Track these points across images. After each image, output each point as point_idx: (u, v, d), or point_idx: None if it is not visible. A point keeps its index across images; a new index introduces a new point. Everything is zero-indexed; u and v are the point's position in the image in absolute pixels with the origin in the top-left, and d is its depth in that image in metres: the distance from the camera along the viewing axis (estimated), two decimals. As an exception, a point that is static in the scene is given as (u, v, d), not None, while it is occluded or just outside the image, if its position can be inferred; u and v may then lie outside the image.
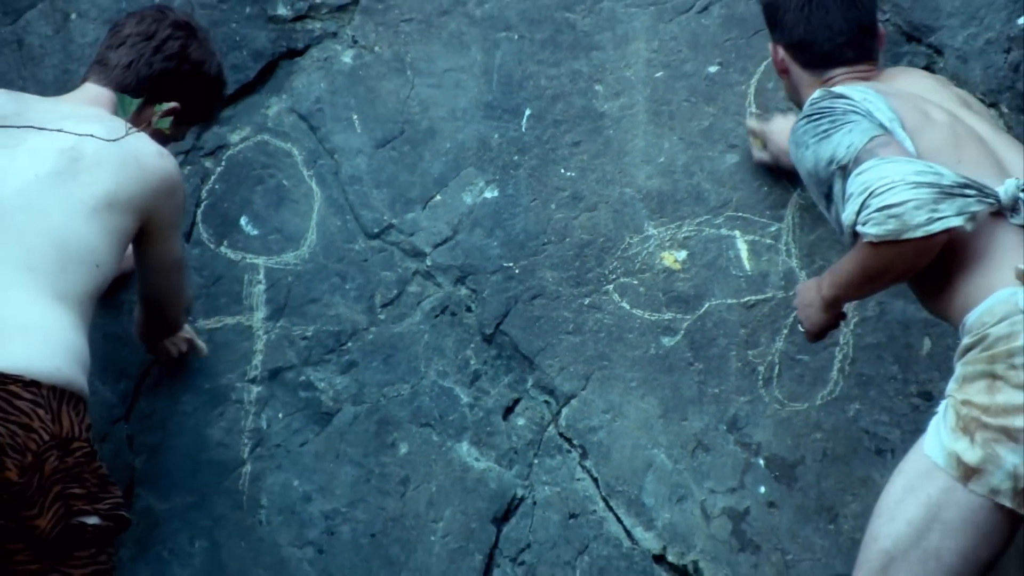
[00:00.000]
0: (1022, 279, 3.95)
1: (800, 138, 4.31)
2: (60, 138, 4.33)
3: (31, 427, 4.17)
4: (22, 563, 4.22)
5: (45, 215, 4.36)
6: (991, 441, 3.94)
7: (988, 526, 3.98)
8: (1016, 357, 3.93)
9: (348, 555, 5.15)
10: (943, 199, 3.96)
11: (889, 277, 4.17)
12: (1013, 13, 5.10)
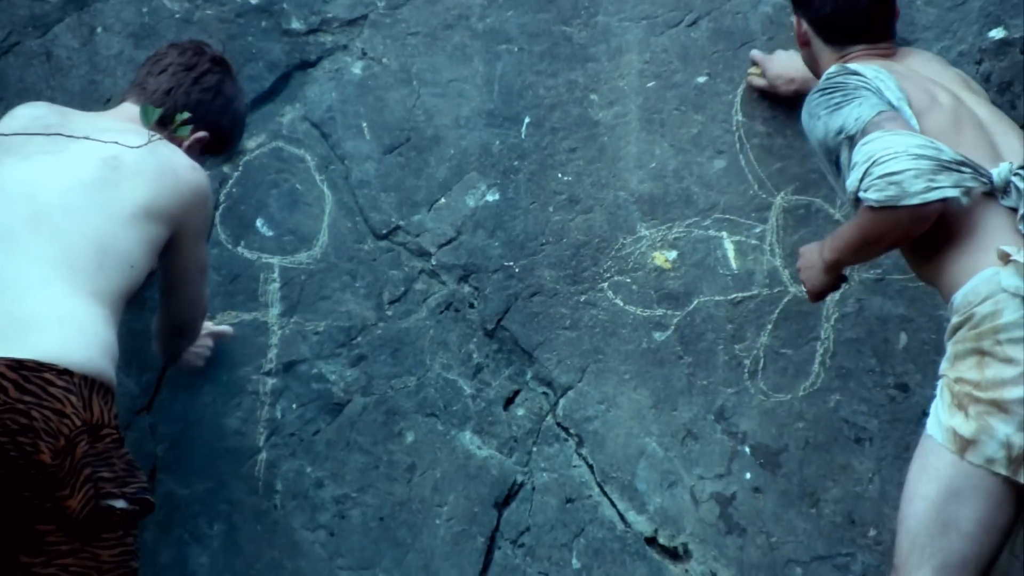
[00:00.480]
0: (1004, 259, 3.98)
1: (813, 109, 4.35)
2: (102, 148, 4.41)
3: (64, 413, 4.20)
4: (53, 544, 4.24)
5: (86, 218, 4.40)
6: (983, 414, 3.97)
7: (996, 493, 4.02)
8: (1001, 333, 3.97)
9: (358, 538, 5.16)
10: (941, 171, 4.00)
11: (886, 242, 4.20)
12: (984, 27, 5.11)
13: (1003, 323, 3.97)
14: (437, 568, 5.14)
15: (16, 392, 4.18)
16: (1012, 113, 5.05)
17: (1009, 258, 3.98)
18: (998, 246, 4.02)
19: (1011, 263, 3.98)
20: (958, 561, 4.03)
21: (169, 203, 4.53)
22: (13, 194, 4.44)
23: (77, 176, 4.43)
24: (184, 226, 4.60)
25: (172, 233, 4.59)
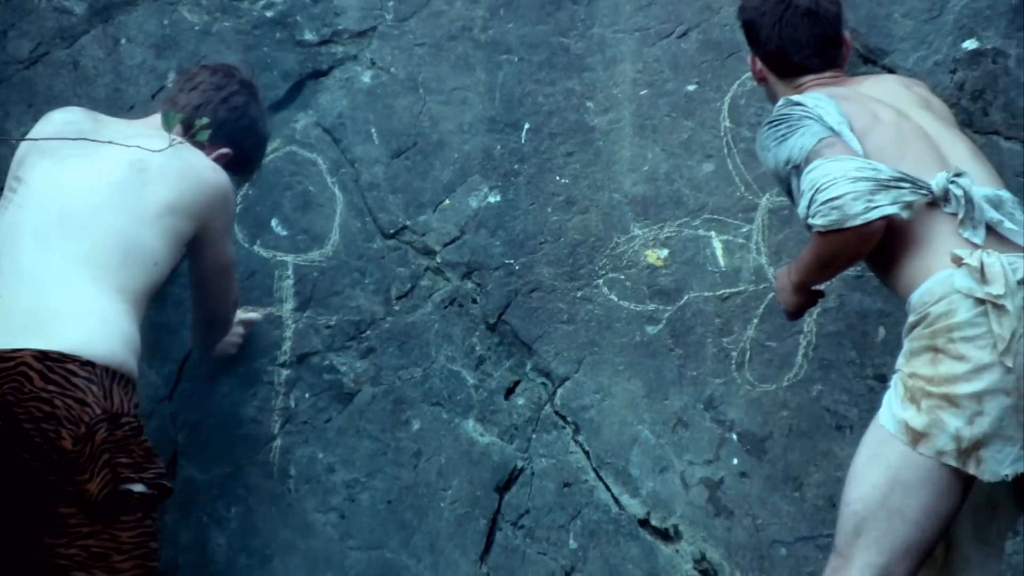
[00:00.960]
0: (957, 263, 3.98)
1: (764, 142, 4.38)
2: (130, 152, 4.40)
3: (85, 402, 4.26)
4: (75, 525, 4.29)
5: (113, 218, 4.48)
6: (935, 408, 3.97)
7: (943, 483, 4.00)
8: (954, 332, 3.97)
9: (367, 519, 5.17)
10: (879, 191, 4.04)
11: (840, 262, 4.22)
12: (958, 38, 5.11)
13: (956, 322, 3.98)
14: (442, 548, 5.14)
15: (41, 381, 4.26)
16: (985, 119, 5.08)
17: (962, 261, 3.99)
18: (951, 250, 4.04)
19: (964, 266, 3.99)
20: (901, 546, 4.03)
21: (192, 202, 4.60)
22: (45, 195, 4.53)
23: (106, 178, 4.51)
24: (207, 223, 4.66)
25: (196, 231, 4.65)
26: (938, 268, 4.04)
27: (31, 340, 4.32)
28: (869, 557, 4.05)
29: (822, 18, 4.61)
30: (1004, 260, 3.99)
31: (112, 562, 4.34)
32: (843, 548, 4.11)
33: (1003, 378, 3.94)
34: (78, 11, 5.31)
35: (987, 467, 3.96)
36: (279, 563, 5.17)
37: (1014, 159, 5.04)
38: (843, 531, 4.12)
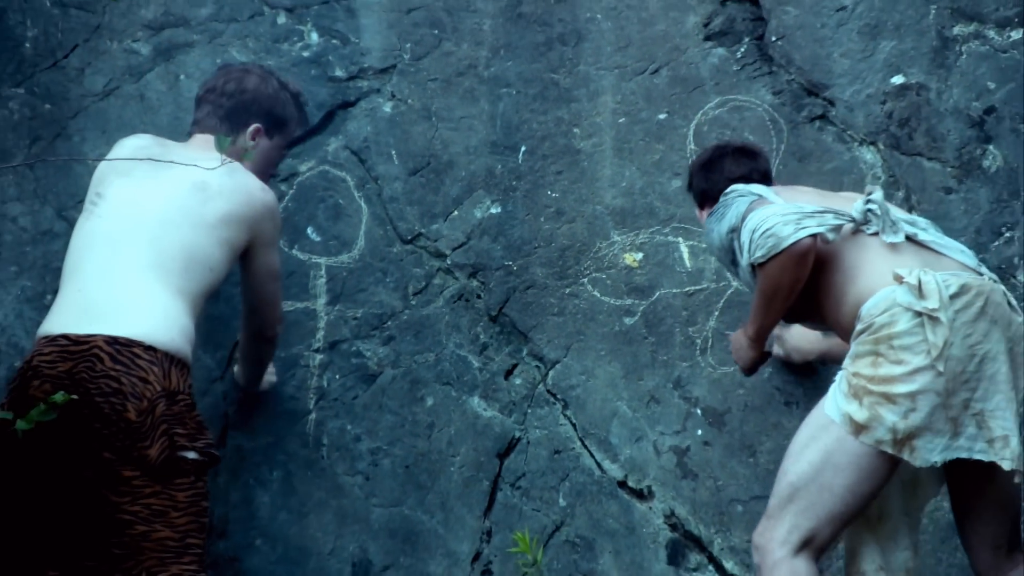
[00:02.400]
0: (898, 280, 4.00)
1: (708, 227, 4.49)
2: (193, 173, 4.49)
3: (147, 380, 4.31)
4: (138, 486, 4.32)
5: (177, 228, 4.51)
6: (875, 404, 3.99)
7: (869, 468, 4.03)
8: (894, 340, 3.98)
9: (388, 481, 5.15)
10: (805, 218, 4.12)
11: (784, 289, 4.20)
12: (887, 74, 5.12)
13: (896, 331, 4.00)
14: (451, 506, 5.13)
15: (110, 362, 4.31)
16: (910, 143, 5.09)
17: (903, 279, 4.01)
18: (887, 268, 4.09)
19: (904, 283, 4.01)
20: (826, 515, 4.06)
21: (244, 216, 4.62)
22: (121, 208, 4.57)
23: (172, 196, 4.55)
24: (257, 235, 4.67)
25: (248, 241, 4.67)
26: (881, 286, 4.06)
27: (103, 327, 4.37)
28: (798, 521, 4.08)
29: (749, 153, 4.72)
30: (939, 278, 4.02)
31: (170, 518, 4.35)
32: (775, 512, 4.13)
33: (935, 380, 3.96)
34: (144, 52, 5.30)
35: (919, 455, 3.98)
36: (314, 518, 5.15)
37: (935, 176, 5.07)
38: (777, 497, 4.14)
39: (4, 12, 5.29)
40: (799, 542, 4.10)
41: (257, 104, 4.81)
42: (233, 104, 4.78)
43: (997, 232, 5.02)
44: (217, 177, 4.56)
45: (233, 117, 4.78)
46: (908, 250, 4.19)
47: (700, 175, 4.72)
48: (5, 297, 5.21)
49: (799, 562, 4.10)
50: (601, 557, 5.08)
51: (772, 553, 4.11)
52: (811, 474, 4.10)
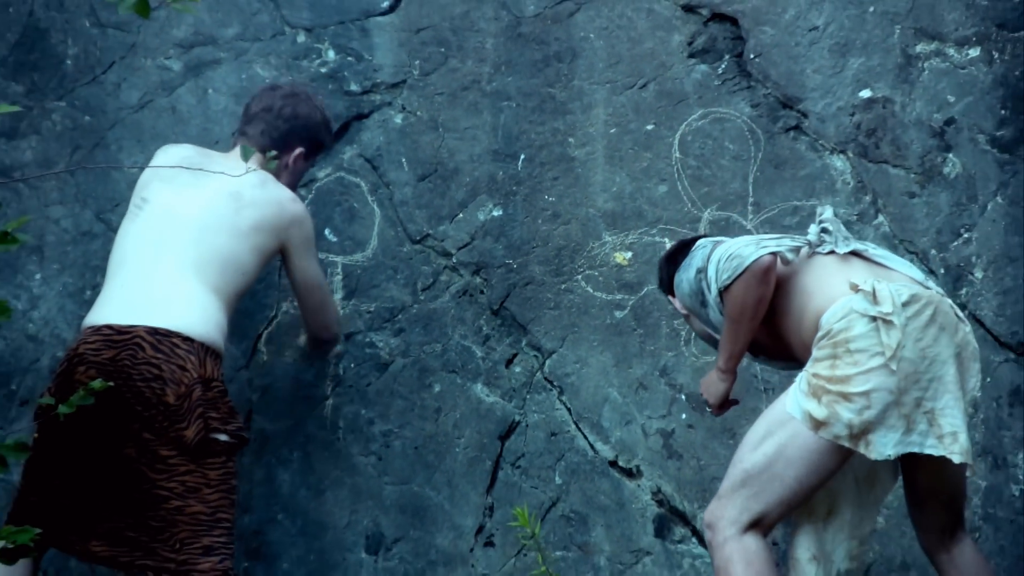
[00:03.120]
0: (854, 289, 4.03)
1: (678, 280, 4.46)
2: (230, 183, 4.52)
3: (185, 368, 4.37)
4: (174, 464, 4.37)
5: (215, 234, 4.57)
6: (832, 402, 4.00)
7: (818, 463, 4.06)
8: (851, 343, 4.00)
9: (399, 461, 5.17)
10: (765, 240, 4.17)
11: (749, 311, 4.19)
12: (856, 89, 5.12)
13: (852, 335, 4.01)
14: (457, 483, 5.15)
15: (152, 351, 4.37)
16: (877, 151, 5.11)
17: (858, 288, 4.04)
18: (844, 281, 4.11)
19: (860, 291, 4.04)
20: (775, 501, 4.09)
21: (274, 225, 4.67)
22: (164, 213, 4.62)
23: (210, 203, 4.60)
24: (287, 242, 4.72)
25: (279, 246, 4.73)
26: (839, 296, 4.08)
27: (145, 319, 4.43)
28: (748, 504, 4.10)
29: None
30: (891, 287, 4.04)
31: (203, 494, 4.39)
32: (726, 494, 4.15)
33: (888, 379, 3.98)
34: (175, 68, 5.30)
35: (874, 448, 3.99)
36: (331, 495, 5.16)
37: (900, 182, 5.08)
38: (730, 481, 4.16)
39: (47, 32, 5.30)
40: (748, 522, 4.12)
41: (307, 131, 4.84)
42: (287, 128, 4.80)
43: (957, 233, 5.04)
44: (251, 188, 4.61)
45: (283, 140, 4.81)
46: (860, 265, 4.22)
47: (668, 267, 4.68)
48: (48, 292, 5.22)
49: (748, 539, 4.12)
50: (594, 530, 5.09)
51: (723, 531, 4.13)
52: (764, 464, 4.11)
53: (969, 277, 4.98)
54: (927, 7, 5.12)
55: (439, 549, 5.13)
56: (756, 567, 4.09)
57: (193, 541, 4.36)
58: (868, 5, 5.14)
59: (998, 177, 5.05)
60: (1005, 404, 4.97)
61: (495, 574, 5.11)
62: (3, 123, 5.23)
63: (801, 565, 4.31)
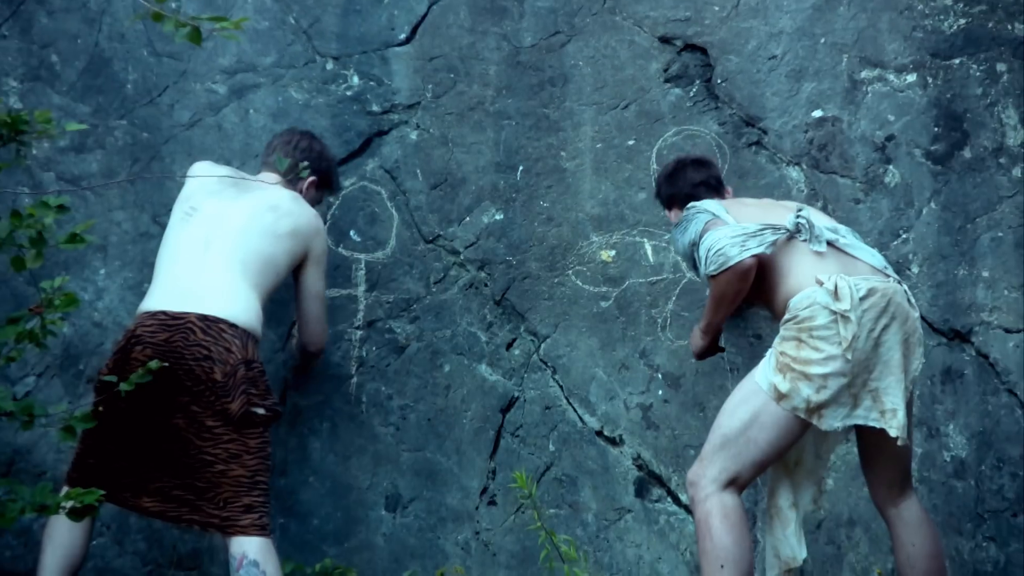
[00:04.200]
0: (819, 284, 4.12)
1: (674, 236, 4.58)
2: (269, 195, 4.67)
3: (231, 350, 4.41)
4: (219, 433, 4.41)
5: (257, 238, 4.61)
6: (795, 379, 4.09)
7: (786, 428, 4.16)
8: (814, 331, 4.10)
9: (414, 431, 5.18)
10: (750, 239, 4.21)
11: (729, 296, 4.32)
12: (809, 109, 5.13)
13: (816, 324, 4.11)
14: (464, 450, 5.16)
15: (202, 334, 4.42)
16: (827, 163, 5.13)
17: (823, 284, 4.12)
18: (812, 272, 4.19)
19: (823, 287, 4.10)
20: (749, 461, 4.18)
21: (304, 233, 4.71)
22: (213, 219, 4.64)
23: (252, 212, 4.64)
24: (309, 250, 4.75)
25: (303, 254, 4.74)
26: (807, 285, 4.17)
27: (196, 307, 4.46)
28: (727, 464, 4.18)
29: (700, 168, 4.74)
30: (851, 283, 4.11)
31: (243, 459, 4.41)
32: (707, 456, 4.23)
33: (843, 366, 4.08)
34: (221, 91, 5.31)
35: (825, 421, 4.12)
36: (355, 460, 5.17)
37: (846, 190, 5.09)
38: (711, 444, 4.23)
39: (111, 60, 5.31)
40: (726, 480, 4.19)
41: (318, 164, 4.87)
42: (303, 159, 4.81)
43: (896, 234, 5.05)
44: (287, 201, 4.69)
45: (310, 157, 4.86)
46: (830, 255, 4.26)
47: (667, 183, 4.76)
48: (111, 285, 5.23)
49: (726, 495, 4.19)
50: (582, 491, 5.11)
51: (704, 488, 4.20)
52: (740, 429, 4.19)
53: (907, 272, 5.00)
54: (870, 39, 5.13)
55: (449, 507, 5.14)
56: (732, 519, 4.16)
57: (235, 500, 4.39)
58: (819, 37, 5.15)
59: (932, 186, 5.07)
60: (938, 382, 5.00)
61: (497, 529, 5.12)
62: (73, 139, 5.24)
63: (783, 512, 4.40)
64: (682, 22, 5.22)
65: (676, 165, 4.76)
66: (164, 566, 5.11)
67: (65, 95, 5.30)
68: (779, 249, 4.25)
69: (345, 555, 5.11)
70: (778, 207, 4.48)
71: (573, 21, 5.27)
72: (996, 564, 4.93)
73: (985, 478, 4.97)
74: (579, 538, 5.01)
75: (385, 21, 5.34)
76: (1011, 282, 5.01)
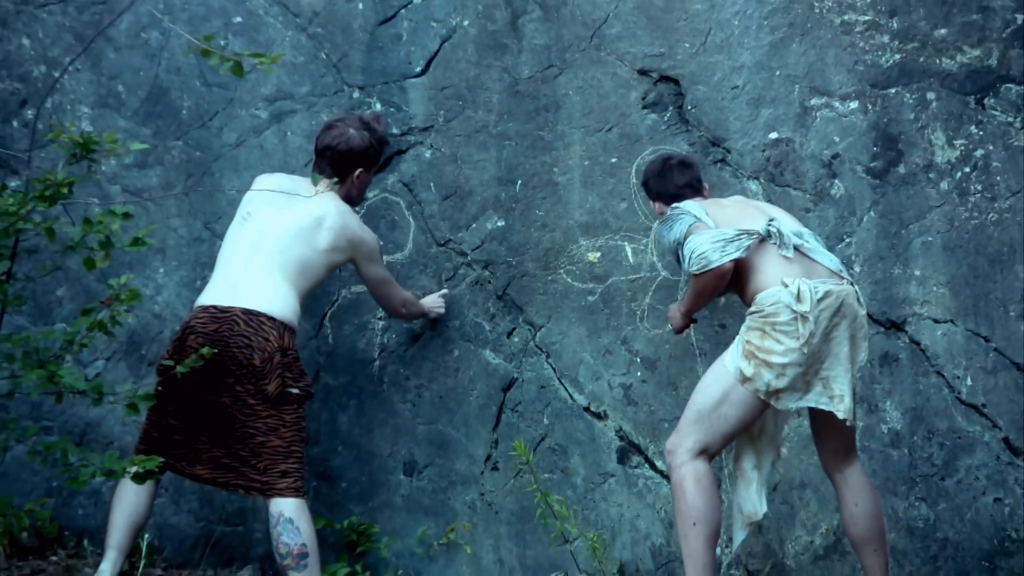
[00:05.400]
0: (784, 285, 4.15)
1: (659, 233, 4.56)
2: (314, 207, 4.61)
3: (268, 339, 4.42)
4: (259, 410, 4.44)
5: (298, 246, 4.59)
6: (758, 365, 4.12)
7: (751, 406, 4.19)
8: (777, 326, 4.13)
9: (428, 407, 5.20)
10: (728, 244, 4.21)
11: (707, 292, 4.33)
12: (766, 132, 5.11)
13: (778, 320, 4.14)
14: (471, 423, 5.18)
15: (245, 326, 4.43)
16: (782, 178, 5.10)
17: (787, 286, 4.14)
18: (779, 273, 4.20)
19: (788, 289, 4.13)
20: (719, 433, 4.22)
21: (343, 248, 4.69)
22: (263, 225, 4.63)
23: (298, 222, 4.60)
24: (356, 258, 4.74)
25: (348, 260, 4.74)
26: (774, 284, 4.19)
27: (240, 302, 4.47)
28: (700, 436, 4.21)
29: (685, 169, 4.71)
30: (811, 286, 4.15)
31: (280, 432, 4.43)
32: (683, 429, 4.25)
33: (800, 357, 4.12)
34: (263, 116, 5.32)
35: (782, 403, 4.18)
36: (377, 432, 5.19)
37: (799, 201, 5.08)
38: (686, 419, 4.26)
39: (168, 90, 5.32)
40: (699, 450, 4.21)
41: (361, 156, 4.77)
42: (344, 160, 4.75)
43: (840, 239, 5.05)
44: (332, 216, 4.63)
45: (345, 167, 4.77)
46: (795, 259, 4.28)
47: (656, 180, 4.73)
48: (168, 283, 5.25)
49: (699, 463, 4.21)
50: (572, 458, 5.12)
51: (680, 456, 4.23)
52: (712, 406, 4.21)
53: (850, 271, 4.99)
54: (819, 71, 5.13)
55: (457, 472, 5.16)
56: (703, 483, 4.19)
57: (273, 467, 4.41)
58: (775, 70, 5.15)
59: (871, 197, 5.06)
60: (877, 365, 5.00)
61: (499, 491, 5.13)
62: (136, 157, 5.26)
63: (747, 474, 4.43)
64: (657, 57, 5.22)
65: (664, 165, 4.72)
66: (214, 522, 5.13)
67: (129, 119, 5.32)
68: (755, 250, 4.27)
69: (369, 513, 5.13)
70: (750, 207, 4.48)
71: (564, 56, 5.27)
72: (927, 521, 4.94)
73: (917, 447, 4.98)
74: (569, 498, 5.01)
75: (403, 56, 5.34)
76: (939, 279, 5.02)
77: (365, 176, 4.84)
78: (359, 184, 4.83)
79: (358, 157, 4.77)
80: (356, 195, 4.84)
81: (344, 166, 4.76)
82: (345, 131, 4.76)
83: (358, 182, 4.81)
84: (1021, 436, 4.96)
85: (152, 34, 5.35)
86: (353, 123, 4.79)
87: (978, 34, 5.12)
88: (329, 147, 4.75)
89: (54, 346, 4.20)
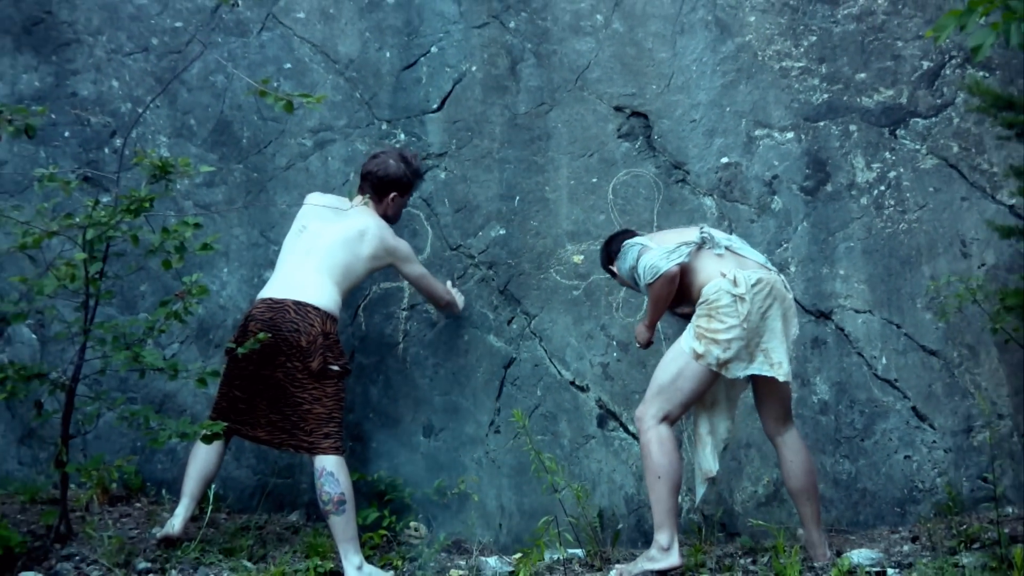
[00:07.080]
0: (723, 275, 4.16)
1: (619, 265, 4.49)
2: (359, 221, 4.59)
3: (313, 325, 4.39)
4: (306, 383, 4.43)
5: (342, 253, 4.56)
6: (708, 344, 4.14)
7: (703, 378, 4.21)
8: (720, 309, 4.16)
9: (443, 381, 5.17)
10: (671, 253, 4.24)
11: (664, 298, 4.31)
12: (719, 157, 5.12)
13: (721, 304, 4.16)
14: (478, 395, 5.15)
15: (294, 314, 4.41)
16: (731, 194, 5.09)
17: (725, 276, 4.16)
18: (718, 269, 4.21)
19: (726, 278, 4.15)
20: (677, 402, 4.23)
21: (381, 256, 4.66)
22: (314, 235, 4.60)
23: (343, 234, 4.57)
24: (395, 262, 4.71)
25: (387, 264, 4.70)
26: (714, 277, 4.20)
27: (292, 295, 4.45)
28: (662, 405, 4.23)
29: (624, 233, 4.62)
30: (745, 275, 4.19)
31: (323, 401, 4.42)
32: (648, 399, 4.28)
33: (741, 333, 4.14)
34: (308, 144, 5.30)
35: (731, 372, 4.19)
36: (401, 402, 5.16)
37: (745, 214, 5.13)
38: (651, 391, 4.28)
39: (231, 123, 5.29)
40: (662, 417, 4.22)
41: (395, 183, 4.73)
42: (381, 184, 4.72)
43: (779, 244, 5.05)
44: (372, 230, 4.59)
45: (382, 191, 4.74)
46: (728, 257, 4.27)
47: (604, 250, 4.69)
48: (231, 280, 5.23)
49: (662, 427, 4.22)
50: (560, 423, 5.11)
51: (646, 422, 4.25)
52: (671, 380, 4.22)
53: (787, 271, 5.00)
54: (762, 107, 5.12)
55: (467, 434, 5.14)
56: (666, 445, 4.21)
57: (317, 429, 4.40)
58: (726, 107, 5.14)
59: (804, 210, 5.06)
60: (808, 347, 5.00)
61: (501, 450, 5.11)
62: (205, 178, 5.23)
63: (702, 438, 4.43)
64: (630, 96, 5.21)
65: (607, 242, 4.70)
66: (268, 475, 5.12)
67: (199, 147, 5.30)
68: (694, 257, 4.27)
69: (394, 468, 5.11)
70: (686, 231, 4.47)
71: (554, 95, 5.25)
72: (849, 475, 4.94)
73: (841, 415, 4.98)
74: (558, 456, 4.99)
75: (422, 96, 5.32)
76: (859, 277, 5.02)
77: (399, 200, 4.81)
78: (394, 206, 4.80)
79: (393, 183, 4.75)
80: (392, 215, 4.81)
81: (381, 189, 4.74)
82: (386, 161, 4.76)
83: (393, 204, 4.78)
84: (927, 405, 4.97)
85: (218, 78, 5.33)
86: (393, 155, 4.79)
87: (891, 77, 5.12)
88: (371, 172, 4.75)
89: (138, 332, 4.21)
